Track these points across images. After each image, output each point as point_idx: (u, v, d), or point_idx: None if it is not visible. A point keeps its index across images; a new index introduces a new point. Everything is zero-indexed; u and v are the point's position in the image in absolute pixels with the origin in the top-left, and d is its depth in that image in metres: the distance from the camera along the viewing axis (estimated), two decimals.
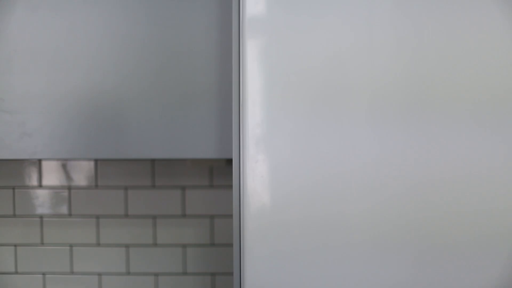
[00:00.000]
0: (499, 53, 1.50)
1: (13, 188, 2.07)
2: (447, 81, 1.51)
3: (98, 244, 2.07)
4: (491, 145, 1.51)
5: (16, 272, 2.07)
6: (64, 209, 2.07)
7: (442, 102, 1.51)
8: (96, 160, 2.05)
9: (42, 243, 2.07)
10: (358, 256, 1.55)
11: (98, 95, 1.80)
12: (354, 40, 1.54)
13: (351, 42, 1.54)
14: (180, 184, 2.06)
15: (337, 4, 1.53)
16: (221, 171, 2.05)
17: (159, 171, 2.06)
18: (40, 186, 2.07)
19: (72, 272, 2.07)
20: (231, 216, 1.81)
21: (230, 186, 1.77)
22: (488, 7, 1.51)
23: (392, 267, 1.54)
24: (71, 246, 2.07)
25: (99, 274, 2.07)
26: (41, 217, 2.07)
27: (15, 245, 2.07)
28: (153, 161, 2.05)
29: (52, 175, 2.06)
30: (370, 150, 1.53)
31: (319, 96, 1.55)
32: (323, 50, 1.55)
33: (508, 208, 1.53)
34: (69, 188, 2.07)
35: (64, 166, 2.06)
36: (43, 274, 2.07)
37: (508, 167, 1.50)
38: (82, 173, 2.06)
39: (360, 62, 1.54)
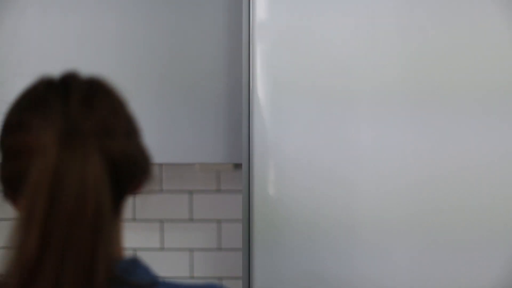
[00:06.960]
0: (501, 47, 1.51)
1: None
2: (451, 75, 1.52)
3: None
4: (498, 139, 1.50)
5: None
6: None
7: (446, 97, 1.52)
8: None
9: None
10: (363, 255, 1.55)
11: None
12: (358, 38, 1.54)
13: (355, 41, 1.54)
14: (187, 189, 2.06)
15: (340, 4, 1.53)
16: (228, 176, 2.05)
17: (166, 175, 2.06)
18: None
19: None
20: (238, 220, 1.81)
21: (238, 191, 1.76)
22: (488, 6, 1.51)
23: (396, 262, 1.54)
24: None
25: None
26: None
27: None
28: (160, 165, 2.05)
29: None
30: (377, 148, 1.54)
31: (327, 97, 1.56)
32: (328, 50, 1.55)
33: None
34: None
35: None
36: None
37: None
38: None
39: (364, 60, 1.54)
